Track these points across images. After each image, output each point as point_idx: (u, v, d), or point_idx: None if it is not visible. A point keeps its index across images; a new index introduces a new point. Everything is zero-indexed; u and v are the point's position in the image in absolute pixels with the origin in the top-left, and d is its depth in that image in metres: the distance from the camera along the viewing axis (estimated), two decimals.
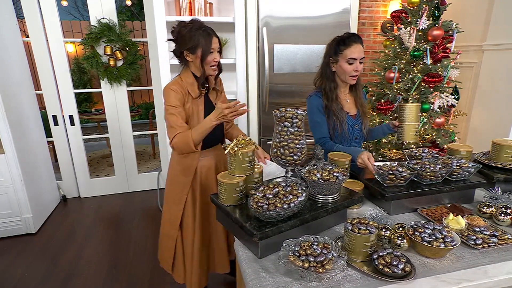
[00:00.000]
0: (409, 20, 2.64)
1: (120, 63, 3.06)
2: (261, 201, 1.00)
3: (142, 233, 2.69)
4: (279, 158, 1.16)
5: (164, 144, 3.24)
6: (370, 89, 3.01)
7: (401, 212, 1.28)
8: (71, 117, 3.11)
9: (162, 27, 2.48)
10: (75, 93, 3.11)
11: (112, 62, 3.00)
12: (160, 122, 3.32)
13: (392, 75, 2.67)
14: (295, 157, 1.14)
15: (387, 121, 2.31)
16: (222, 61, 2.73)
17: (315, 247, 0.92)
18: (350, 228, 0.97)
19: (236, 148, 1.08)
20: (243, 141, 1.11)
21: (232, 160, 1.11)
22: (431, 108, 2.61)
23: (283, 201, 1.00)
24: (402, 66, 2.67)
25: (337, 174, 1.15)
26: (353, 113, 1.69)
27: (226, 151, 1.09)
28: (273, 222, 0.98)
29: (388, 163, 1.38)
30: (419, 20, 2.54)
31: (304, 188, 1.08)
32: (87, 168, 3.31)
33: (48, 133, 3.12)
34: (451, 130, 2.77)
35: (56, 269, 2.23)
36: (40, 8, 2.78)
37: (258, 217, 0.99)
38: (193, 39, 1.42)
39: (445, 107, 2.66)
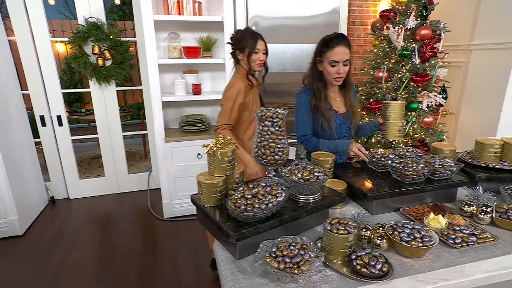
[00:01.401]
0: (397, 19, 2.64)
1: (108, 63, 3.02)
2: (239, 201, 0.99)
3: (131, 234, 2.66)
4: (260, 158, 1.15)
5: (154, 145, 3.21)
6: (359, 88, 3.01)
7: (383, 212, 1.27)
8: (59, 117, 3.07)
9: (150, 27, 2.45)
10: (65, 93, 3.07)
11: (100, 62, 2.97)
12: (150, 122, 3.29)
13: (381, 74, 2.68)
14: (276, 156, 1.13)
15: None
16: (211, 60, 2.74)
17: (292, 248, 0.91)
18: (328, 228, 0.96)
19: (215, 148, 1.07)
20: (222, 141, 1.09)
21: (211, 160, 1.09)
22: (420, 107, 2.61)
23: (262, 201, 0.99)
24: (391, 65, 2.67)
25: (318, 174, 1.14)
26: (342, 112, 1.69)
27: (205, 151, 1.08)
28: (251, 223, 0.97)
29: (378, 151, 1.52)
30: (407, 19, 2.54)
31: (284, 189, 1.07)
32: (76, 169, 3.28)
33: (36, 134, 3.07)
34: (439, 129, 2.78)
35: (42, 271, 2.19)
36: (26, 6, 2.74)
37: (236, 218, 0.98)
38: (243, 41, 1.79)
39: (434, 106, 2.67)
